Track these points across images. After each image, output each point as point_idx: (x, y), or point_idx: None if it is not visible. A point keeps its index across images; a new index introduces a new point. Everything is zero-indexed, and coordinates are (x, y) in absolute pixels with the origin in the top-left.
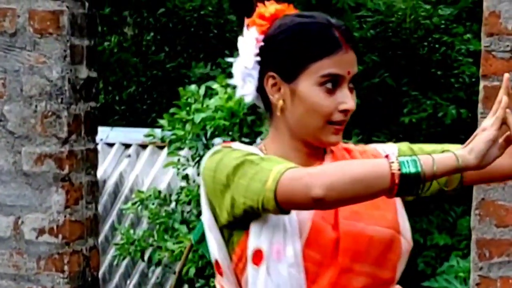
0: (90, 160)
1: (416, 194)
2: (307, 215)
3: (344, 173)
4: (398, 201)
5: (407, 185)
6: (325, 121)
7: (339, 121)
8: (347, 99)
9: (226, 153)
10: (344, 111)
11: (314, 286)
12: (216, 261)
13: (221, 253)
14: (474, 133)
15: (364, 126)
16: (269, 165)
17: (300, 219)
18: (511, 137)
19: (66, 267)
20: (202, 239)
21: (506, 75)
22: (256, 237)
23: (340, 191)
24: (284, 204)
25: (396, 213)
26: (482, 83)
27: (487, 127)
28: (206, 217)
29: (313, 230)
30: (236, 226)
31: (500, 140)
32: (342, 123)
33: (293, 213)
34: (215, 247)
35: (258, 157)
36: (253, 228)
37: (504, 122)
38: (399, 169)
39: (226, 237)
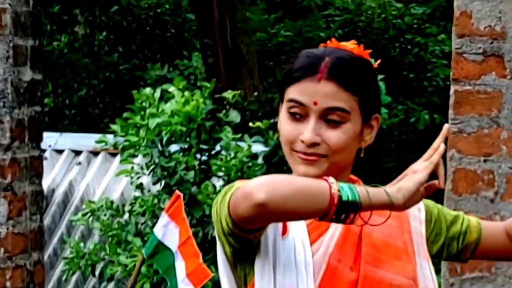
0: (35, 168)
1: (350, 222)
2: (322, 257)
3: (290, 182)
4: (418, 255)
5: (343, 210)
6: (289, 149)
7: (302, 151)
8: (305, 130)
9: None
10: (307, 145)
11: None
12: None
13: None
14: (404, 173)
15: None
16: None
17: (315, 261)
18: (436, 186)
19: (8, 283)
20: (155, 252)
21: (446, 126)
22: (261, 278)
23: (283, 198)
24: (235, 218)
25: (416, 266)
26: (453, 87)
27: (418, 170)
28: (219, 253)
29: (328, 272)
30: (243, 260)
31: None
32: (307, 154)
33: (308, 254)
34: (226, 285)
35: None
36: (256, 268)
37: (435, 168)
38: (339, 192)
39: (241, 275)
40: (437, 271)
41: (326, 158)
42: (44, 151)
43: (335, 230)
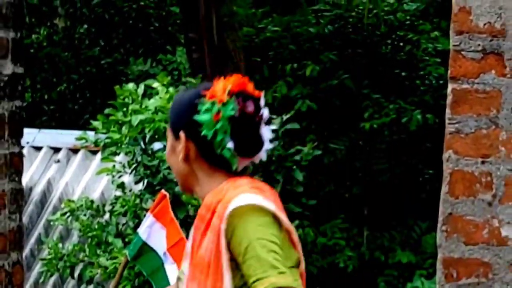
0: (15, 165)
1: None
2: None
3: None
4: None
5: None
6: None
7: None
8: None
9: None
10: None
11: None
12: None
13: None
14: None
15: (321, 133)
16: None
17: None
18: None
19: None
20: (139, 254)
21: None
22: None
23: None
24: None
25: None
26: (450, 86)
27: None
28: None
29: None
30: None
31: None
32: None
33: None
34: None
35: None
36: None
37: None
38: None
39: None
40: (431, 276)
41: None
42: (22, 147)
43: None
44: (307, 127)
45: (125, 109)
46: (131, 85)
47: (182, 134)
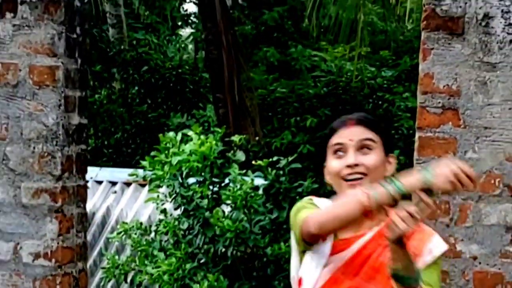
0: (80, 194)
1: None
2: (331, 269)
3: (328, 212)
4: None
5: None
6: (337, 178)
7: (348, 173)
8: (349, 158)
9: (303, 204)
10: (350, 166)
11: None
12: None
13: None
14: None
15: (317, 170)
16: (305, 212)
17: (325, 270)
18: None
19: (58, 287)
20: None
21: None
22: (300, 267)
23: (327, 227)
24: (303, 236)
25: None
26: (417, 134)
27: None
28: (292, 243)
29: (331, 279)
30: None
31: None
32: (352, 174)
33: (325, 262)
34: (296, 267)
35: (308, 206)
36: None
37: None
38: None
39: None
40: None
41: (366, 177)
42: (87, 181)
43: (347, 252)
44: (307, 166)
45: (167, 152)
46: (171, 134)
47: (393, 158)
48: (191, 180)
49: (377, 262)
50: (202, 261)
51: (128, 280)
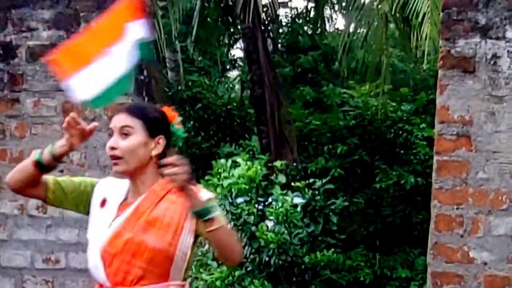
0: None
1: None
2: (114, 227)
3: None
4: (185, 229)
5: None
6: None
7: (109, 155)
8: (110, 141)
9: None
10: (109, 148)
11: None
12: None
13: None
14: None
15: (347, 190)
16: None
17: (110, 228)
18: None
19: None
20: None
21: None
22: (89, 227)
23: (14, 179)
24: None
25: (179, 236)
26: (435, 158)
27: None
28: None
29: (113, 235)
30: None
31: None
32: (111, 156)
33: (110, 222)
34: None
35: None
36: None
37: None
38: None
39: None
40: (421, 285)
41: (122, 159)
42: None
43: (127, 211)
44: (339, 186)
45: (218, 176)
46: (222, 161)
47: (163, 139)
48: (240, 199)
49: (149, 216)
50: (249, 268)
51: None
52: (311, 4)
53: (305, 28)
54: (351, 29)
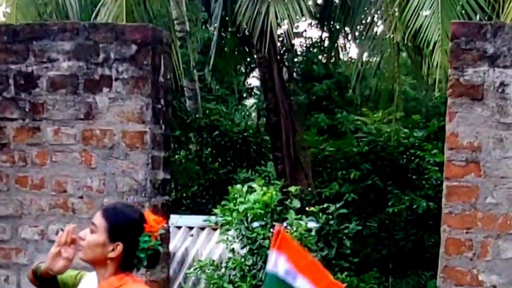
0: (164, 237)
1: None
2: None
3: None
4: None
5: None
6: None
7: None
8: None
9: None
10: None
11: None
12: None
13: None
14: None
15: (360, 215)
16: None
17: None
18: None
19: None
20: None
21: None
22: None
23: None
24: None
25: None
26: (445, 183)
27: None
28: None
29: None
30: None
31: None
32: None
33: None
34: None
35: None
36: None
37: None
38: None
39: None
40: None
41: (82, 250)
42: (169, 227)
43: None
44: (352, 211)
45: (235, 201)
46: (238, 186)
47: (120, 246)
48: (255, 224)
49: None
50: None
51: None
52: (325, 34)
53: (320, 57)
54: (364, 58)
